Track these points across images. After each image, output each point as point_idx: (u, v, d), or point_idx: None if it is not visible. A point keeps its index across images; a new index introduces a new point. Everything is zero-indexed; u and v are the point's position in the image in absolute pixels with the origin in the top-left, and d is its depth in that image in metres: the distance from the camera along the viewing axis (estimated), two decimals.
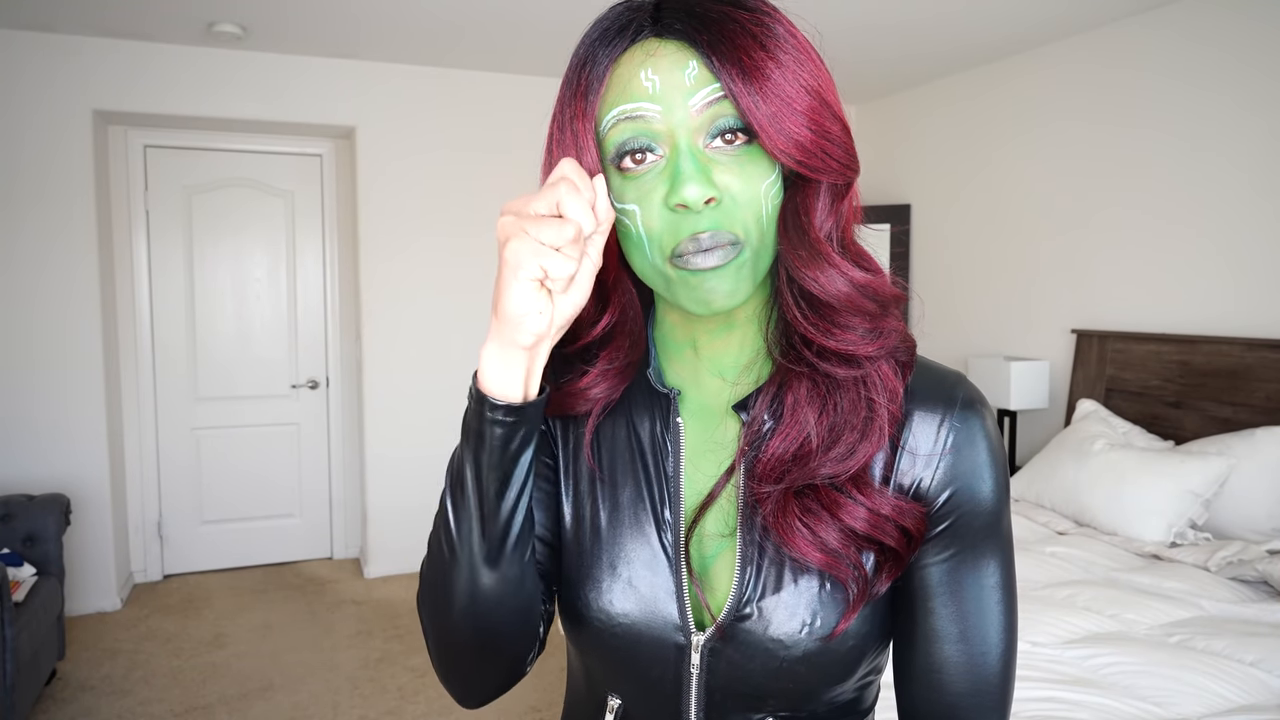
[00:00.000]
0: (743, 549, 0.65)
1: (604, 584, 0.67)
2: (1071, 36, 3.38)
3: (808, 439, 0.62)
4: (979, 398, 0.66)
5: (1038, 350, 3.58)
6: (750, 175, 0.58)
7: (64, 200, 3.50)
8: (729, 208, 0.58)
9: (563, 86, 0.63)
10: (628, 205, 0.60)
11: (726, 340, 0.67)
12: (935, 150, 4.10)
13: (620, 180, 0.60)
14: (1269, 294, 2.74)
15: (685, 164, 0.57)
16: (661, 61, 0.58)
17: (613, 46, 0.60)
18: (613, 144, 0.59)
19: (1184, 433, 2.89)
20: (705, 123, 0.58)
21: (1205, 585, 2.22)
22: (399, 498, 4.06)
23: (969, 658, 0.63)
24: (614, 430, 0.71)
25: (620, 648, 0.67)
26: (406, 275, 4.02)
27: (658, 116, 0.58)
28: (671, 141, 0.58)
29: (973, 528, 0.63)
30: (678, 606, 0.66)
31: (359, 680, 3.04)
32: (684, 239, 0.58)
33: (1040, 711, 1.62)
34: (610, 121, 0.59)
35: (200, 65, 3.65)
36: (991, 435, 0.65)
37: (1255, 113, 2.76)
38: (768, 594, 0.63)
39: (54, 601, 2.88)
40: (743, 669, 0.64)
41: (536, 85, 4.09)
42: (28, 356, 3.50)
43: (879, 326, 0.62)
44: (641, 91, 0.58)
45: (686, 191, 0.56)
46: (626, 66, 0.59)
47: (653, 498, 0.68)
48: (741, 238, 0.59)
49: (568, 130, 0.61)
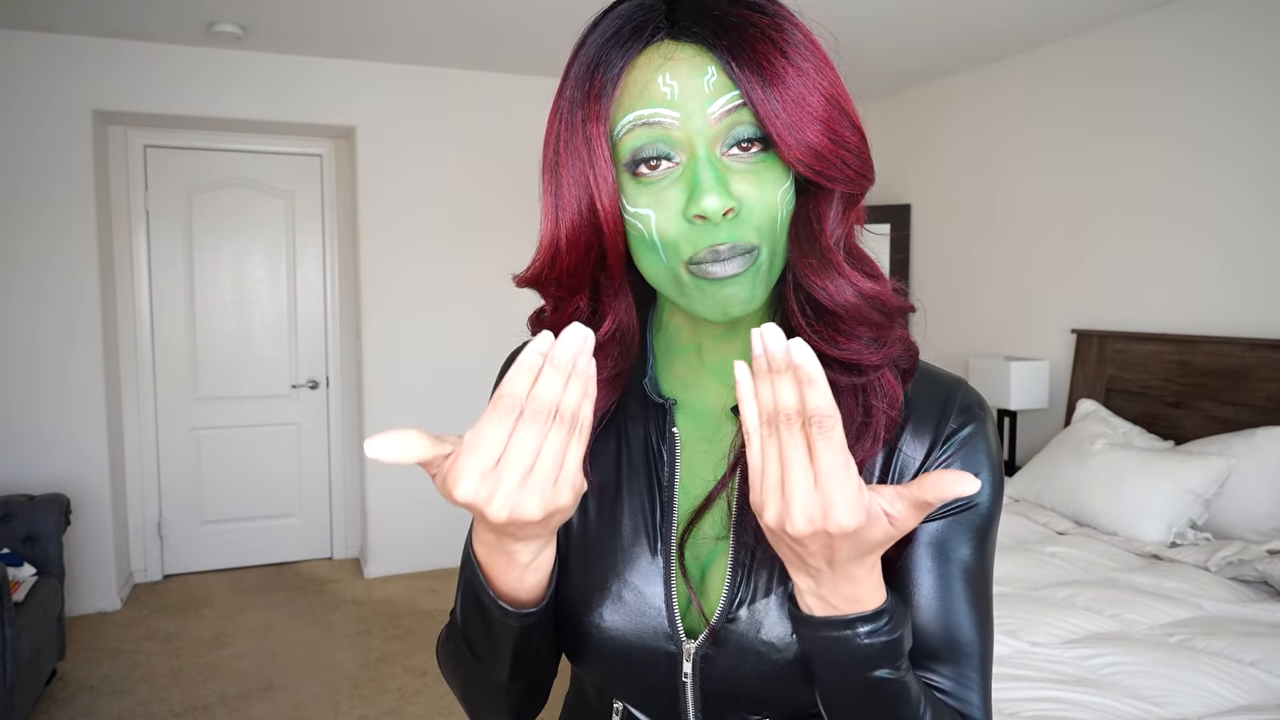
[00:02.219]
0: (735, 552, 0.65)
1: (594, 599, 0.66)
2: (1072, 37, 3.38)
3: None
4: (979, 401, 0.66)
5: (1038, 350, 3.58)
6: (766, 183, 0.58)
7: (64, 200, 3.50)
8: (746, 217, 0.57)
9: (570, 86, 0.60)
10: (641, 210, 0.58)
11: (731, 344, 0.67)
12: (936, 150, 4.10)
13: (634, 185, 0.59)
14: (1269, 294, 2.74)
15: (704, 173, 0.56)
16: (680, 66, 0.57)
17: (627, 48, 0.58)
18: (628, 149, 0.58)
19: (1184, 433, 2.89)
20: (723, 131, 0.57)
21: (1205, 585, 2.21)
22: (399, 497, 4.06)
23: (946, 641, 0.62)
24: (607, 441, 0.70)
25: (613, 660, 0.66)
26: (406, 275, 4.02)
27: (676, 123, 0.56)
28: (689, 149, 0.57)
29: (960, 526, 0.63)
30: (668, 616, 0.65)
31: (359, 680, 3.04)
32: (703, 249, 0.57)
33: (1040, 711, 1.61)
34: (626, 126, 0.58)
35: (200, 65, 3.65)
36: (990, 441, 0.65)
37: (1256, 113, 2.76)
38: (759, 597, 0.63)
39: (54, 601, 2.88)
40: (736, 673, 0.64)
41: (537, 85, 4.10)
42: (28, 356, 3.50)
43: (884, 336, 0.61)
44: (659, 97, 0.57)
45: (706, 203, 0.55)
46: (643, 70, 0.58)
47: (647, 508, 0.68)
48: (758, 244, 0.58)
49: (579, 133, 0.59)
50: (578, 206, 0.60)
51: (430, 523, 4.07)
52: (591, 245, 0.61)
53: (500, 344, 4.46)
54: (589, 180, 0.59)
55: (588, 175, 0.59)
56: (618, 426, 0.70)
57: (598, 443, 0.70)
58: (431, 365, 4.08)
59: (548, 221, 0.62)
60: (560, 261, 0.62)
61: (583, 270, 0.62)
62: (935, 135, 4.10)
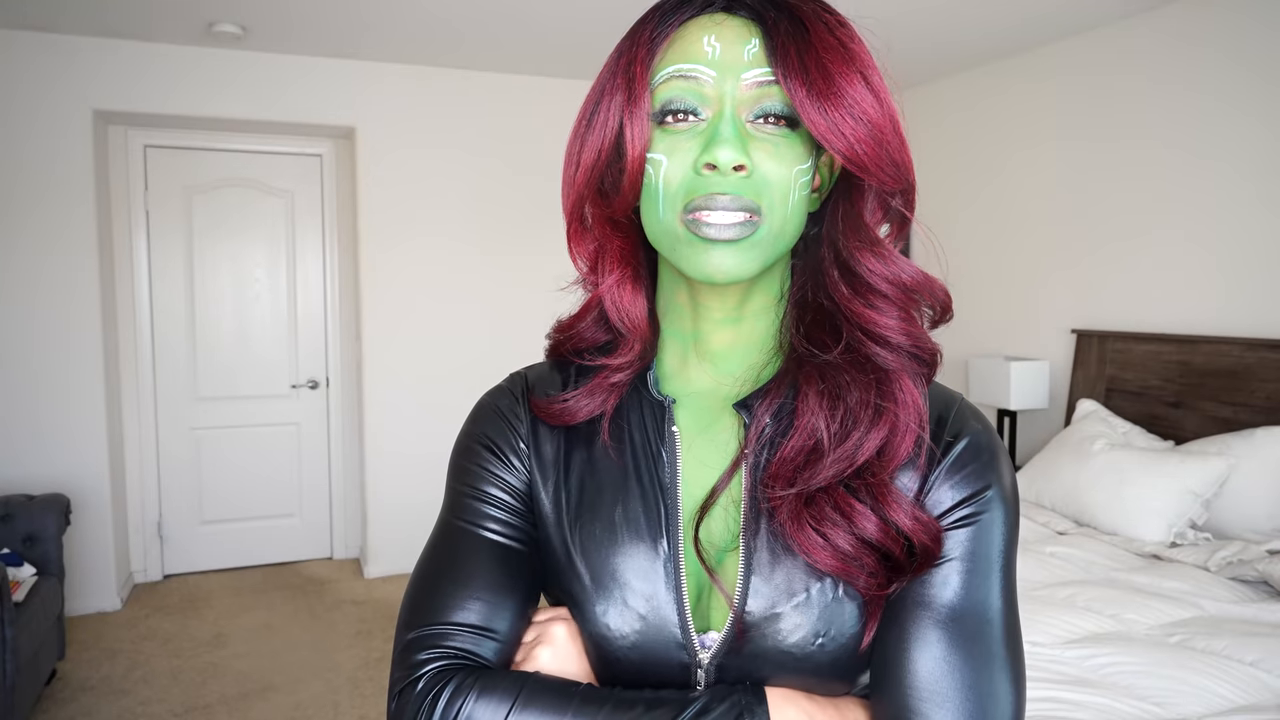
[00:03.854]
0: (746, 554, 0.63)
1: (599, 606, 0.64)
2: (1072, 37, 3.38)
3: (820, 441, 0.61)
4: (974, 413, 0.67)
5: (1038, 350, 3.58)
6: (784, 157, 0.59)
7: (64, 200, 3.50)
8: (757, 182, 0.59)
9: (624, 42, 0.64)
10: (656, 155, 0.60)
11: (734, 333, 0.67)
12: (936, 150, 4.10)
13: (658, 132, 0.61)
14: (1269, 294, 2.74)
15: (725, 128, 0.58)
16: (727, 32, 0.59)
17: (683, 11, 0.62)
18: (660, 98, 0.60)
19: (1184, 433, 2.89)
20: (753, 99, 0.59)
21: (1205, 585, 2.21)
22: (399, 497, 4.06)
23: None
24: (605, 445, 0.69)
25: (622, 666, 0.64)
26: (406, 275, 4.02)
27: (710, 81, 0.59)
28: (718, 107, 0.59)
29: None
30: (679, 624, 0.63)
31: (359, 680, 3.04)
32: (700, 195, 0.58)
33: (1040, 711, 1.61)
34: (664, 76, 0.60)
35: (200, 65, 3.65)
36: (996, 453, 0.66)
37: (1255, 113, 2.76)
38: (777, 601, 0.61)
39: (54, 601, 2.88)
40: (754, 677, 0.62)
41: (537, 85, 4.10)
42: (28, 356, 3.50)
43: (917, 325, 0.64)
44: (701, 55, 0.59)
45: (720, 153, 0.57)
46: (692, 30, 0.61)
47: (650, 512, 0.65)
48: (764, 211, 0.59)
49: (620, 76, 0.62)
50: (602, 136, 0.63)
51: (430, 523, 4.05)
52: (616, 175, 0.63)
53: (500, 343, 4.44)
54: (624, 113, 0.61)
55: (623, 109, 0.61)
56: (618, 427, 0.69)
57: (597, 446, 0.69)
58: (431, 365, 4.08)
59: (568, 167, 0.66)
60: (575, 189, 0.65)
61: (590, 204, 0.65)
62: (935, 135, 4.10)
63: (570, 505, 0.68)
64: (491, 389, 0.75)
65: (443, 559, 0.67)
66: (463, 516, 0.69)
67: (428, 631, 0.63)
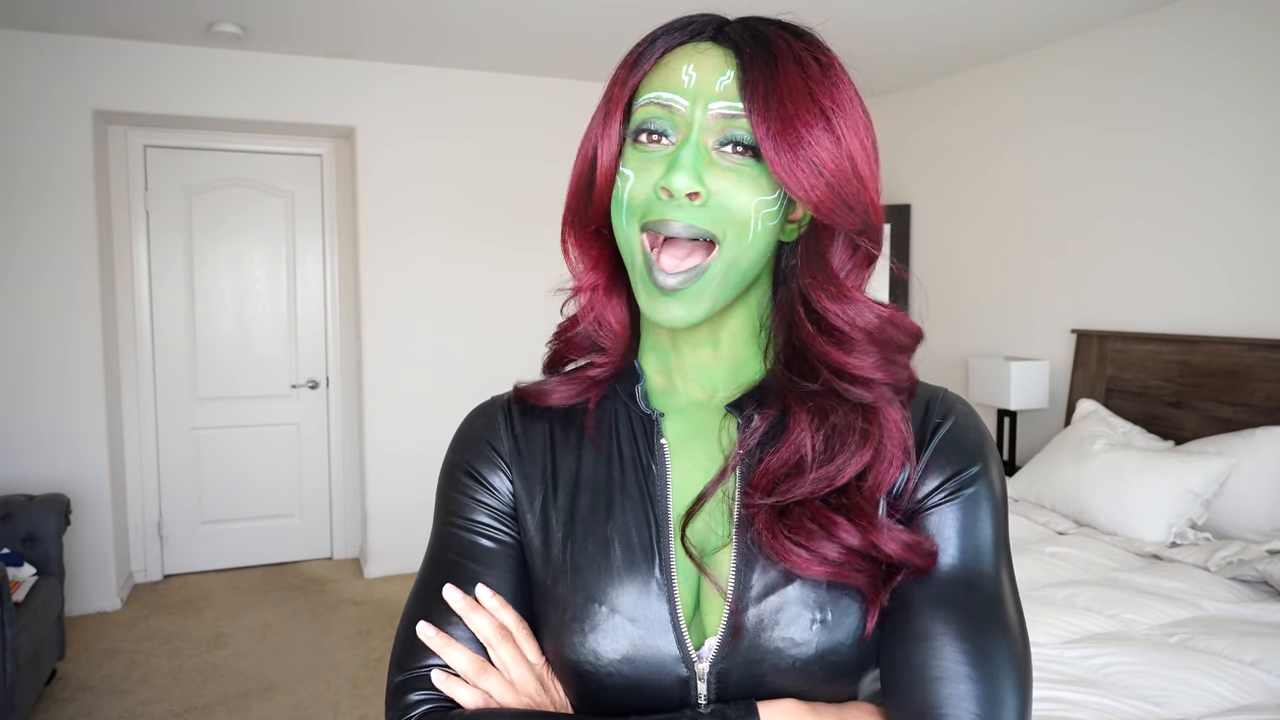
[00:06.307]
0: (740, 547, 0.63)
1: (588, 627, 0.63)
2: (1072, 37, 3.38)
3: (804, 458, 0.63)
4: (959, 399, 0.69)
5: (1038, 350, 3.58)
6: (745, 185, 0.61)
7: (64, 200, 3.50)
8: (714, 209, 0.60)
9: (620, 63, 0.68)
10: (626, 170, 0.64)
11: (714, 354, 0.69)
12: (936, 150, 4.10)
13: (632, 149, 0.64)
14: (1269, 294, 2.74)
15: (685, 154, 0.60)
16: (706, 61, 0.62)
17: (672, 38, 0.65)
18: (637, 119, 0.63)
19: (1184, 433, 2.89)
20: (718, 128, 0.61)
21: (1205, 585, 2.21)
22: (399, 497, 4.06)
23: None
24: (597, 459, 0.69)
25: (617, 688, 0.63)
26: (406, 275, 4.02)
27: (683, 109, 0.61)
28: (685, 133, 0.61)
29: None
30: (675, 636, 0.62)
31: (359, 680, 3.04)
32: (654, 219, 0.61)
33: (1040, 711, 1.62)
34: (644, 100, 0.63)
35: (200, 65, 3.65)
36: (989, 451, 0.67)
37: (1256, 113, 2.76)
38: (771, 593, 0.62)
39: (54, 601, 2.88)
40: (754, 678, 0.62)
41: (537, 85, 4.10)
42: (28, 356, 3.50)
43: (891, 359, 0.64)
44: (678, 83, 0.62)
45: (675, 179, 0.59)
46: (677, 57, 0.63)
47: (640, 526, 0.65)
48: (719, 239, 0.61)
49: (605, 94, 0.66)
50: (588, 149, 0.67)
51: (430, 523, 4.06)
52: (587, 186, 0.67)
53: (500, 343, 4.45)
54: (599, 131, 0.66)
55: (598, 128, 0.66)
56: (607, 443, 0.69)
57: (585, 461, 0.69)
58: (431, 365, 4.07)
59: (571, 177, 0.70)
60: (570, 196, 0.69)
61: (583, 211, 0.68)
62: (936, 135, 4.10)
63: (560, 522, 0.68)
64: (472, 410, 0.77)
65: (433, 596, 0.68)
66: (451, 549, 0.70)
67: (418, 673, 0.66)
